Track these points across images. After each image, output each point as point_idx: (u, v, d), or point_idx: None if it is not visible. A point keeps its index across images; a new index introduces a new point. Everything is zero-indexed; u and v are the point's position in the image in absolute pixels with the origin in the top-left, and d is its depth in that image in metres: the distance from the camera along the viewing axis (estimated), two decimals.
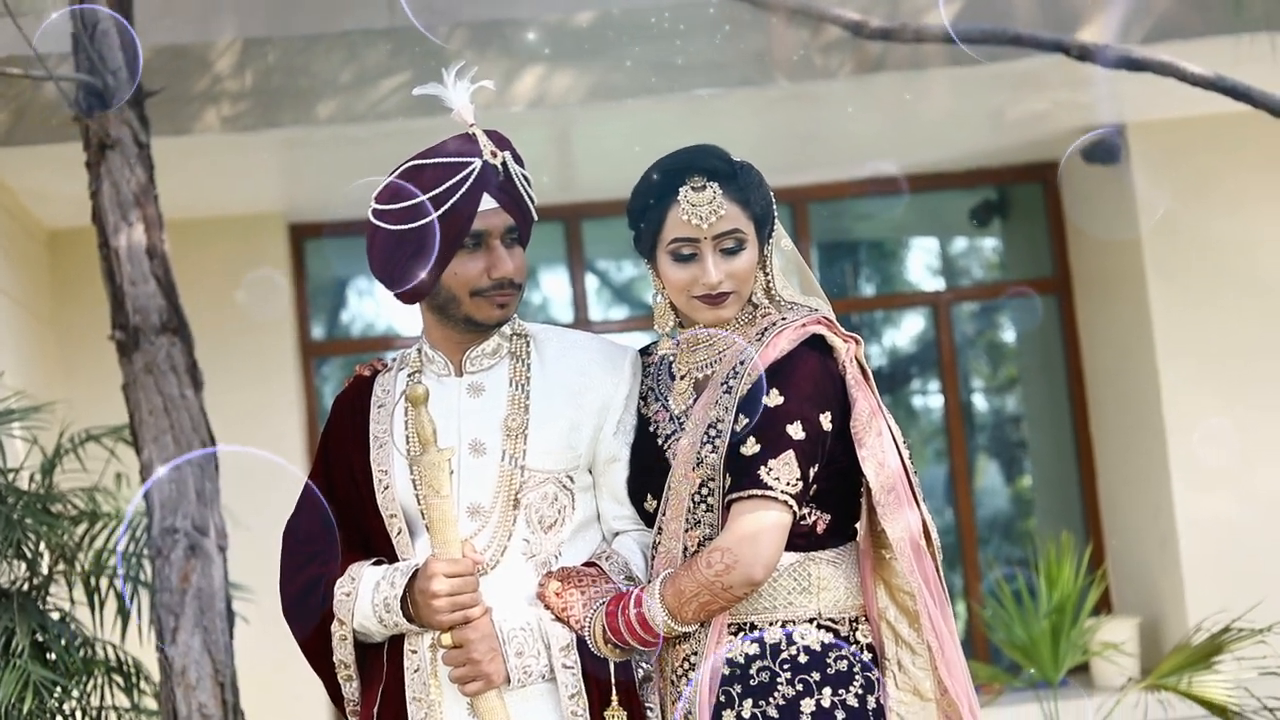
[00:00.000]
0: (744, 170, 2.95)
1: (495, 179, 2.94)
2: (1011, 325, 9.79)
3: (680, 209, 2.91)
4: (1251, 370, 8.17)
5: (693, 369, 3.00)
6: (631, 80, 6.81)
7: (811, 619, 2.87)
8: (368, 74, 6.78)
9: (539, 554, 2.97)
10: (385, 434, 3.03)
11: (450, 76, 3.02)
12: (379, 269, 3.00)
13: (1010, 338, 9.90)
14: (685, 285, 2.93)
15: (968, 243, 9.96)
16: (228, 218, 8.19)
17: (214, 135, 6.77)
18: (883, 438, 2.87)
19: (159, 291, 5.34)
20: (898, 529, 2.84)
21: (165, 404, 5.28)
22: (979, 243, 9.90)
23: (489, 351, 3.03)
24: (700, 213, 2.89)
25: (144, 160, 5.40)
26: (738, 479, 2.79)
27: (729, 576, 2.75)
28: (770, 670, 2.85)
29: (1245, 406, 8.11)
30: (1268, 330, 8.20)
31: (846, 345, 2.91)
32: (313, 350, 8.80)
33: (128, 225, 5.35)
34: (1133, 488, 8.56)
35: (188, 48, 6.78)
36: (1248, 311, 8.16)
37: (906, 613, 2.91)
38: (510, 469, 2.96)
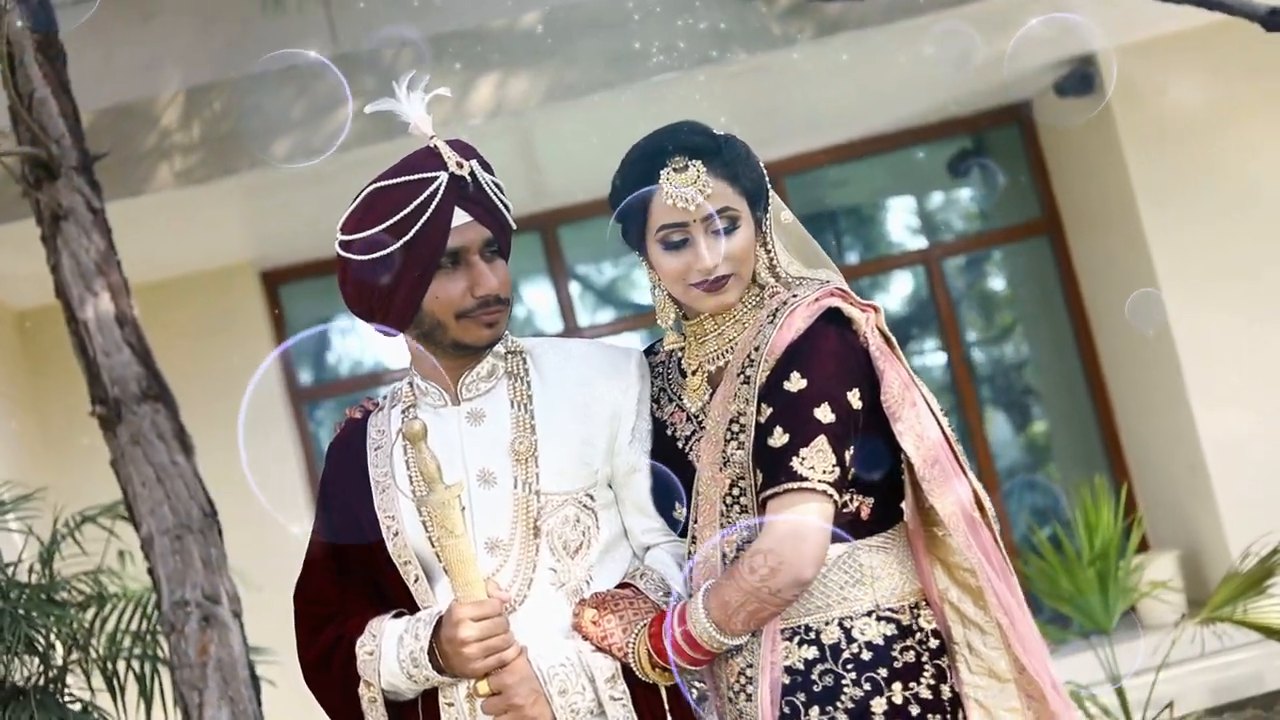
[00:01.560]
0: (729, 143, 2.75)
1: (465, 190, 2.74)
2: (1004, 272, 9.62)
3: (664, 193, 2.71)
4: (1255, 283, 8.03)
5: (704, 362, 2.80)
6: (587, 75, 6.63)
7: (869, 611, 2.67)
8: (319, 106, 6.60)
9: (568, 582, 2.77)
10: (386, 477, 2.83)
11: (402, 89, 2.82)
12: (355, 304, 2.80)
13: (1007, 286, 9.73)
14: (680, 274, 2.72)
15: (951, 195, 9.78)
16: (197, 274, 8.02)
17: (169, 192, 6.60)
18: (918, 409, 2.67)
19: (134, 359, 5.18)
20: (948, 503, 2.64)
21: (157, 474, 5.12)
22: (961, 194, 9.72)
23: (484, 374, 2.83)
24: (685, 194, 2.70)
25: (100, 226, 5.25)
26: (770, 474, 2.59)
27: (776, 579, 2.55)
28: (833, 673, 2.65)
29: (1254, 320, 7.96)
30: (1266, 242, 8.05)
31: (865, 315, 2.71)
32: (302, 396, 8.63)
33: (93, 295, 5.19)
34: (1152, 418, 8.41)
35: (130, 106, 6.61)
36: (1244, 225, 8.01)
37: (969, 591, 2.72)
38: (525, 496, 2.77)
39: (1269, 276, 8.03)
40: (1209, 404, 7.93)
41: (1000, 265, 9.62)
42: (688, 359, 2.83)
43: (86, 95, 6.27)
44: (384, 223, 2.69)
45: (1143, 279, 8.12)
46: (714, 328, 2.78)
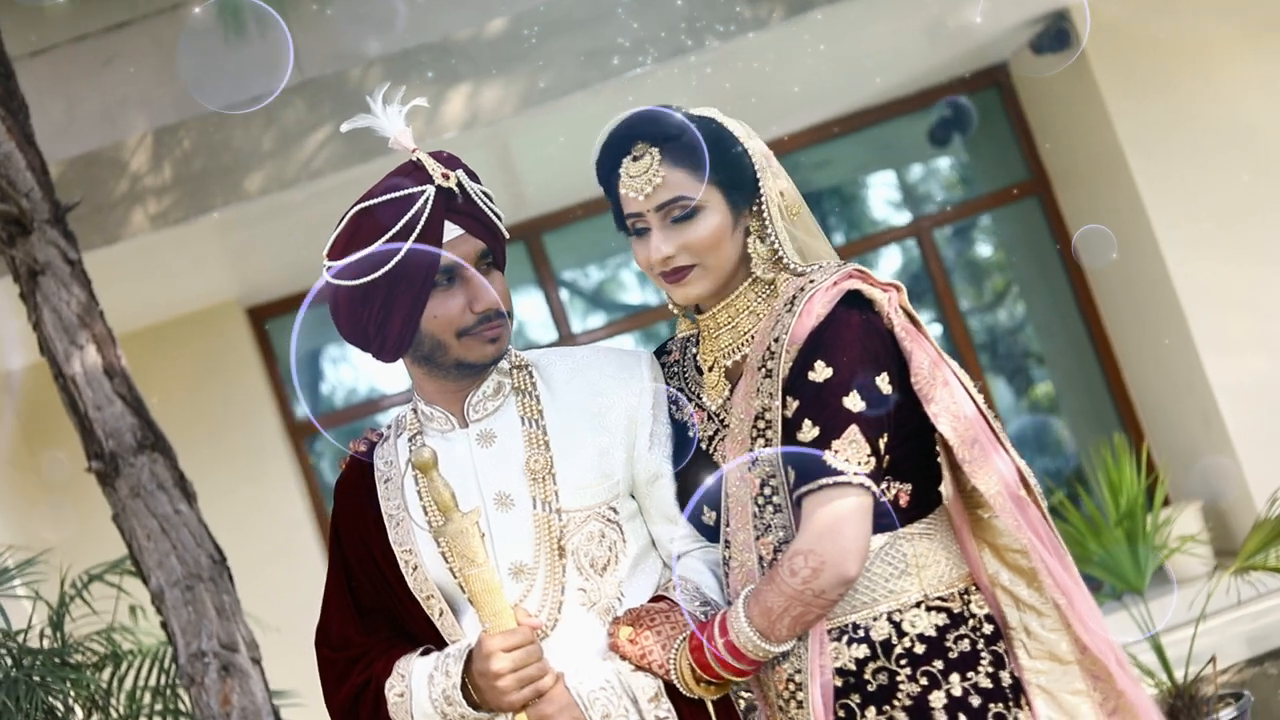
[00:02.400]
0: (697, 127, 2.62)
1: (454, 203, 2.62)
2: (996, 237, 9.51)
3: (621, 183, 2.63)
4: (1250, 223, 7.92)
5: (719, 357, 2.68)
6: (560, 78, 6.51)
7: (918, 602, 2.55)
8: (290, 135, 6.47)
9: (599, 601, 2.65)
10: (399, 510, 2.71)
11: (377, 103, 2.70)
12: (349, 332, 2.68)
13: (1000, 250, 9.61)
14: (644, 264, 2.65)
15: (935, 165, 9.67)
16: (183, 317, 7.90)
17: (146, 236, 6.48)
18: (950, 387, 2.55)
19: (127, 410, 5.08)
20: (991, 483, 2.52)
21: (161, 525, 5.03)
22: (945, 162, 9.61)
23: (490, 393, 2.71)
24: (636, 184, 2.61)
25: (79, 278, 5.14)
26: (802, 470, 2.47)
27: (819, 580, 2.42)
28: (887, 670, 2.53)
29: (1253, 262, 7.85)
30: (1257, 181, 7.94)
31: (888, 294, 2.58)
32: (300, 431, 8.50)
33: (78, 349, 5.10)
34: (1161, 370, 8.30)
35: (99, 153, 6.48)
36: (1235, 166, 7.90)
37: (1021, 573, 2.59)
38: (546, 516, 2.64)
39: (1265, 216, 7.92)
40: (1217, 351, 7.82)
41: (991, 230, 9.51)
42: (702, 355, 2.71)
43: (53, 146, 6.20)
44: (372, 244, 2.57)
45: (1137, 231, 8.01)
46: (727, 320, 2.66)
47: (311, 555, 7.93)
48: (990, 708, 2.52)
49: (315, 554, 7.94)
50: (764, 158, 2.65)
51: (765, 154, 2.65)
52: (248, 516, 7.65)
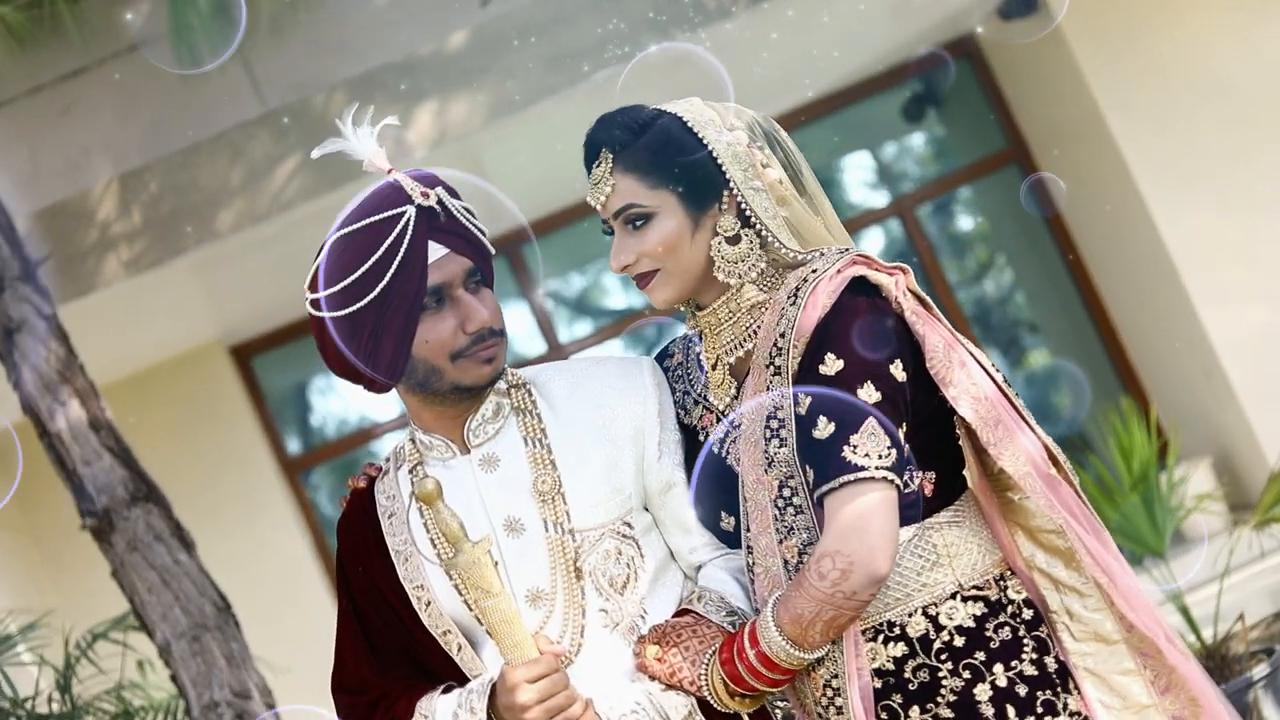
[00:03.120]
0: (660, 126, 2.52)
1: (436, 221, 2.52)
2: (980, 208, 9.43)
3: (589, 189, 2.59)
4: (1234, 173, 7.85)
5: (721, 353, 2.57)
6: (526, 86, 6.41)
7: (953, 593, 2.44)
8: (257, 168, 6.37)
9: (622, 620, 2.55)
10: (406, 545, 2.60)
11: (347, 124, 2.60)
12: (338, 366, 2.57)
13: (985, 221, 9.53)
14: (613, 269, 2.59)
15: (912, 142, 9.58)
16: (166, 362, 7.80)
17: (121, 283, 6.38)
18: (967, 367, 2.44)
19: (116, 462, 5.01)
20: (1019, 463, 2.41)
21: (162, 577, 4.96)
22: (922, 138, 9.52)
23: (490, 416, 2.60)
24: (593, 192, 2.55)
25: (56, 333, 5.07)
26: (822, 469, 2.36)
27: (849, 581, 2.32)
28: (928, 667, 2.43)
29: (1241, 211, 7.78)
30: (1237, 130, 7.86)
31: (894, 278, 2.48)
32: (295, 466, 8.41)
33: (61, 405, 5.02)
34: (1158, 329, 8.22)
35: (65, 203, 6.39)
36: (1215, 117, 7.83)
37: (1058, 553, 2.49)
38: (558, 537, 2.54)
39: (1249, 165, 7.84)
40: (1214, 304, 7.74)
41: (973, 202, 9.43)
42: (705, 352, 2.61)
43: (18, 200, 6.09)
44: (355, 271, 2.47)
45: (1122, 189, 7.93)
46: (728, 316, 2.55)
47: (317, 591, 7.82)
48: (1038, 695, 2.42)
49: (321, 590, 7.83)
50: (736, 153, 2.52)
51: (739, 147, 2.52)
52: (249, 559, 7.56)
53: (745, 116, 2.58)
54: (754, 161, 2.53)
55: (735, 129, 2.54)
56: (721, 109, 2.58)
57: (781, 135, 2.60)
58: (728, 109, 2.58)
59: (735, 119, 2.56)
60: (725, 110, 2.58)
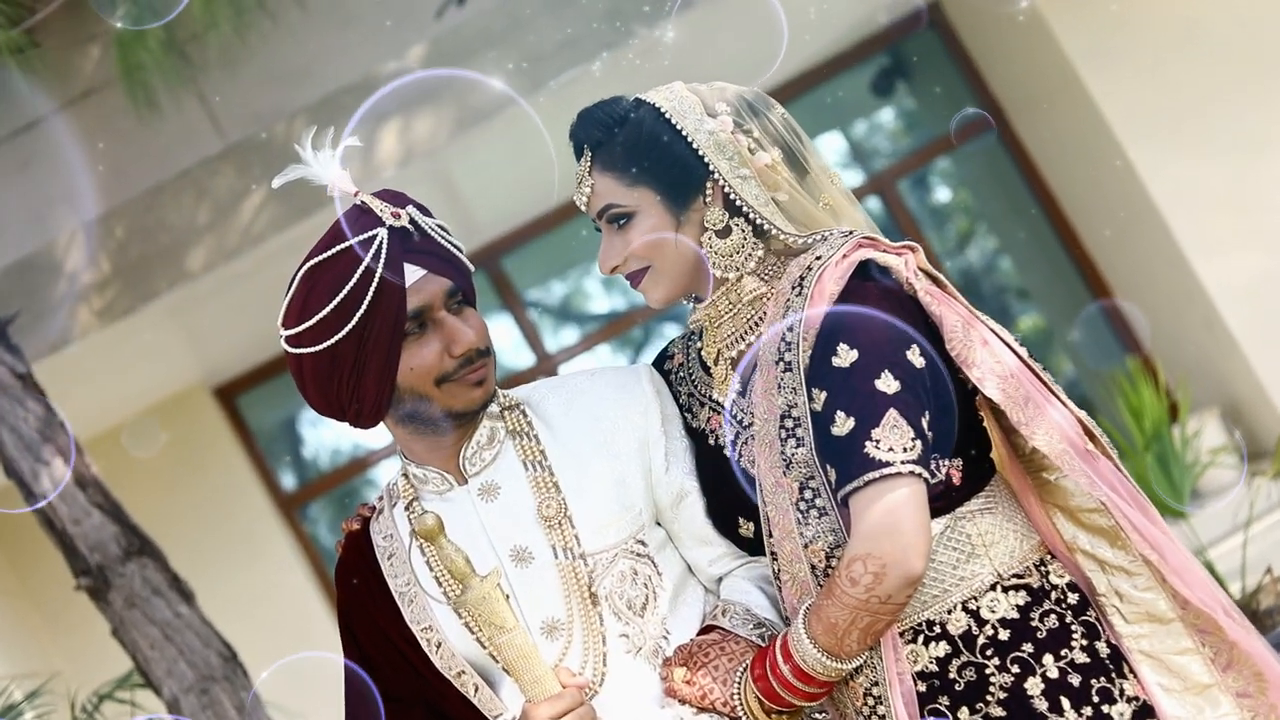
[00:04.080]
0: (635, 119, 2.39)
1: (410, 242, 2.38)
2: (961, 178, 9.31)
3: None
4: (1213, 116, 7.73)
5: (722, 347, 2.43)
6: (489, 96, 6.27)
7: (992, 585, 2.30)
8: (224, 204, 6.23)
9: (645, 644, 2.41)
10: (409, 586, 2.46)
11: (306, 149, 2.45)
12: (320, 403, 2.43)
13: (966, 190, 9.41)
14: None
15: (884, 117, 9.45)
16: (150, 408, 7.65)
17: (95, 334, 6.23)
18: (990, 345, 2.30)
19: (106, 519, 4.89)
20: (1053, 441, 2.27)
21: (163, 632, 4.84)
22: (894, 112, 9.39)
23: (485, 442, 2.46)
24: (576, 192, 2.44)
25: (32, 391, 4.95)
26: (844, 468, 2.22)
27: (883, 585, 2.18)
28: (974, 664, 2.29)
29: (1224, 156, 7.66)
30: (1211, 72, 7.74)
31: (903, 258, 2.34)
32: (291, 503, 8.26)
33: (44, 465, 4.90)
34: (1153, 283, 8.11)
35: (30, 259, 6.26)
36: (1189, 64, 7.71)
37: (1101, 533, 2.35)
38: (569, 563, 2.40)
39: (1227, 107, 7.72)
40: (1206, 253, 7.62)
41: (952, 172, 9.31)
42: (706, 347, 2.47)
43: None
44: (330, 302, 2.33)
45: (1102, 145, 7.81)
46: (728, 308, 2.41)
47: (326, 629, 7.68)
48: (1093, 684, 2.28)
49: (329, 627, 7.69)
50: (719, 140, 2.37)
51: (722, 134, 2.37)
52: (253, 602, 7.44)
53: (730, 94, 2.43)
54: (740, 148, 2.39)
55: (720, 114, 2.40)
56: (707, 91, 2.43)
57: (774, 112, 2.45)
58: (713, 90, 2.44)
59: (720, 103, 2.41)
60: (710, 92, 2.43)
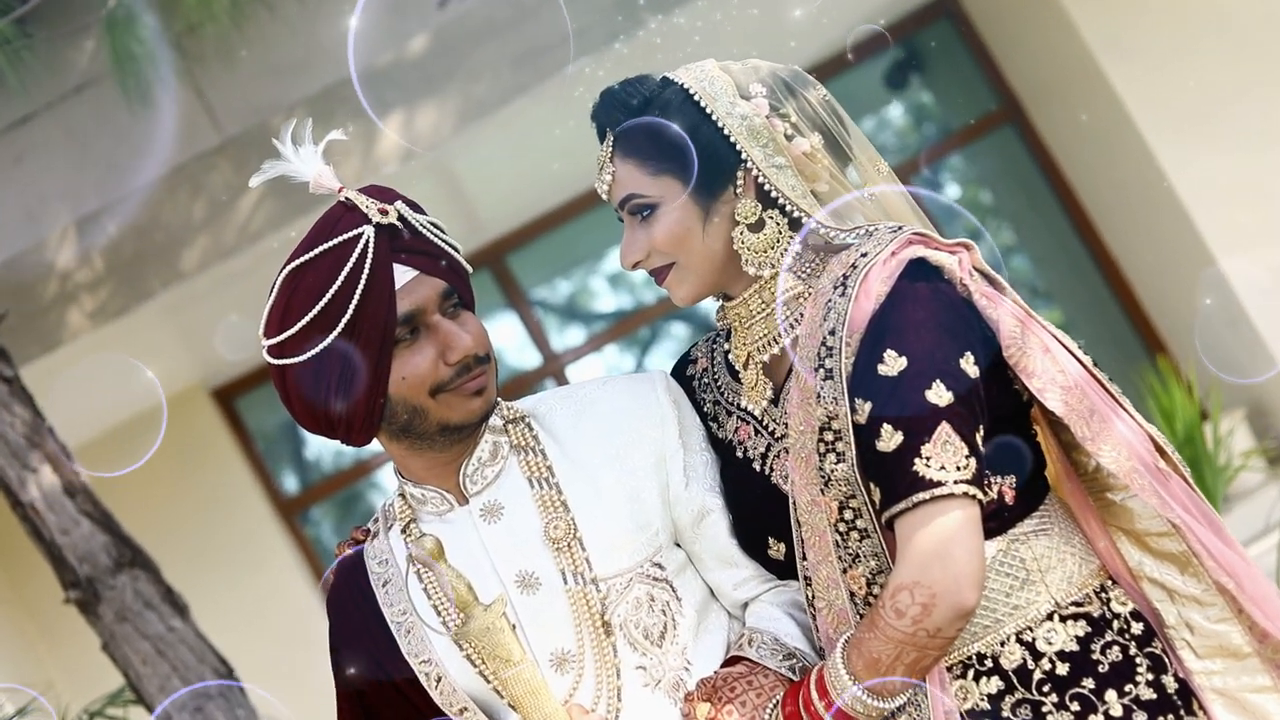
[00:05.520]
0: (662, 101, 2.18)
1: (399, 241, 2.17)
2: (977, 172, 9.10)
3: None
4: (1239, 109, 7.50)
5: (753, 351, 2.22)
6: (495, 86, 6.07)
7: (1049, 614, 2.10)
8: (220, 201, 6.04)
9: (664, 676, 2.20)
10: (407, 615, 2.25)
11: (285, 144, 2.25)
12: (307, 418, 2.22)
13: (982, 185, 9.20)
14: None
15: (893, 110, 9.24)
16: (145, 413, 7.45)
17: (88, 336, 6.04)
18: (1052, 353, 2.09)
19: (96, 528, 4.72)
20: (1120, 457, 2.06)
21: (156, 647, 4.67)
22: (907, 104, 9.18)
23: (487, 458, 2.25)
24: (597, 180, 2.23)
25: (19, 396, 4.78)
26: (890, 487, 2.01)
27: (932, 618, 1.97)
28: (1029, 701, 2.08)
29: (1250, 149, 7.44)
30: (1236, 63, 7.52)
31: (956, 256, 2.12)
32: (292, 508, 8.06)
33: (31, 472, 4.74)
34: (1176, 280, 7.89)
35: (20, 257, 6.06)
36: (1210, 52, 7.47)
37: (1171, 559, 2.14)
38: (580, 589, 2.19)
39: (1255, 99, 7.50)
40: (1231, 249, 7.39)
41: (969, 167, 9.09)
42: (734, 350, 2.25)
43: None
44: (314, 308, 2.12)
45: (1125, 139, 7.59)
46: (760, 307, 2.20)
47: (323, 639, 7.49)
48: None
49: None
50: (753, 126, 2.16)
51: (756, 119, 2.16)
52: (252, 611, 7.25)
53: (765, 73, 2.22)
54: (776, 134, 2.17)
55: (754, 96, 2.19)
56: (740, 70, 2.22)
57: (814, 93, 2.24)
58: (747, 69, 2.22)
59: (754, 83, 2.20)
60: (744, 71, 2.22)
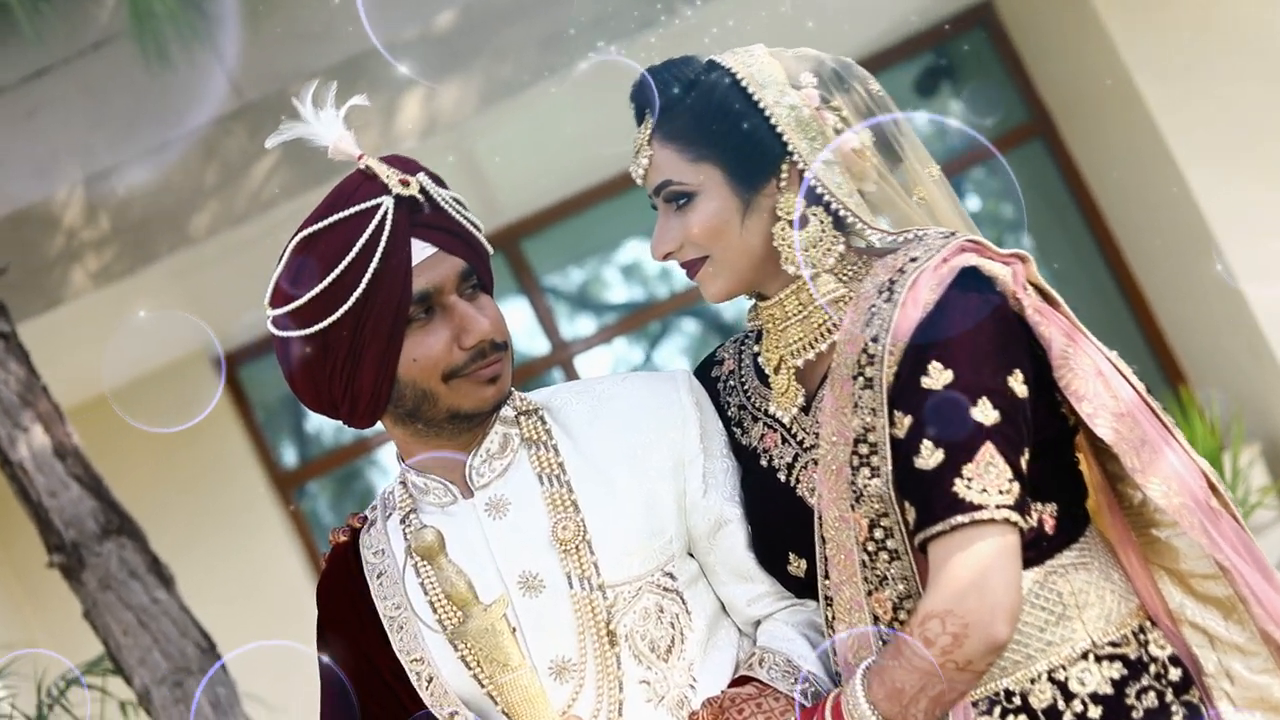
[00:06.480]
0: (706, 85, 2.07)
1: (419, 214, 2.05)
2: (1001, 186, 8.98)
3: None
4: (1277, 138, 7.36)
5: (786, 354, 2.10)
6: (521, 67, 5.95)
7: (1084, 653, 1.97)
8: (233, 166, 5.93)
9: (668, 693, 2.08)
10: (400, 610, 2.13)
11: (306, 105, 2.14)
12: (309, 395, 2.10)
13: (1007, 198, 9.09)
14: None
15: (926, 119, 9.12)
16: (146, 377, 7.35)
17: (90, 295, 5.93)
18: (1105, 377, 1.97)
19: (85, 493, 4.63)
20: (1170, 492, 1.94)
21: (138, 618, 4.58)
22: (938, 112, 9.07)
23: (496, 450, 2.13)
24: (633, 164, 2.11)
25: (15, 353, 4.69)
26: (926, 507, 1.89)
27: (962, 649, 1.85)
28: None
29: None
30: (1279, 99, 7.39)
31: (1011, 268, 2.00)
32: (289, 482, 7.95)
33: (22, 431, 4.65)
34: (1199, 308, 7.77)
35: (26, 211, 5.96)
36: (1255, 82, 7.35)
37: (1216, 604, 2.01)
38: (586, 595, 2.07)
39: None
40: (1258, 279, 7.27)
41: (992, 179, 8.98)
42: (765, 352, 2.13)
43: None
44: (325, 279, 2.01)
45: (1157, 162, 7.47)
46: (796, 309, 2.08)
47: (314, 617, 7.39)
48: None
49: None
50: (801, 118, 2.05)
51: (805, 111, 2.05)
52: (241, 585, 7.14)
53: (816, 62, 2.10)
54: (825, 127, 2.06)
55: (804, 86, 2.07)
56: (791, 58, 2.10)
57: (868, 87, 2.12)
58: (799, 57, 2.10)
59: (805, 73, 2.08)
60: (797, 60, 2.10)
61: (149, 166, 6.09)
